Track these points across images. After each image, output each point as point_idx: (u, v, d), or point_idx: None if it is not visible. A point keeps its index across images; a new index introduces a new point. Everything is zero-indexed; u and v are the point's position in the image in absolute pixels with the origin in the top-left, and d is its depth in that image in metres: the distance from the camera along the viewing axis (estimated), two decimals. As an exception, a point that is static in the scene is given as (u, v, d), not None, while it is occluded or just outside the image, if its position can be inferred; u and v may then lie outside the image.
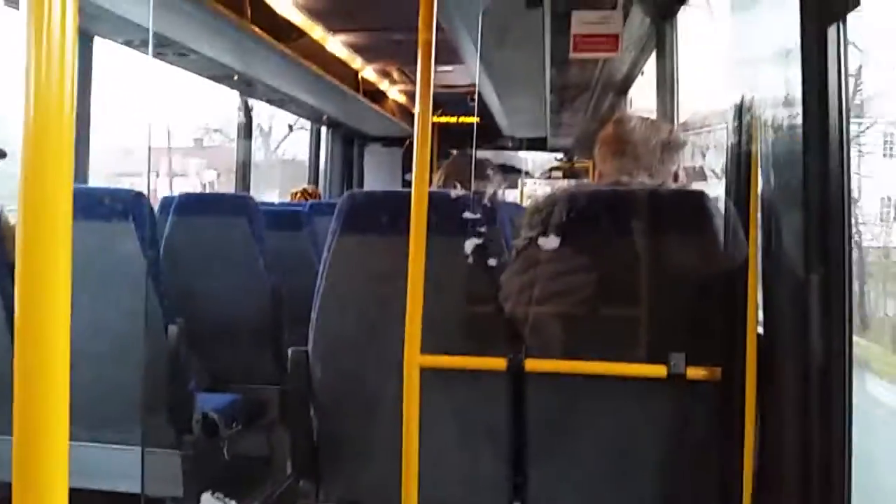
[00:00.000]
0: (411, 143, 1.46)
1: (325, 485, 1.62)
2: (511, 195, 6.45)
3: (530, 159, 7.07)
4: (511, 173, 6.52)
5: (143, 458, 1.81)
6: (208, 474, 2.06)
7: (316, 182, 5.85)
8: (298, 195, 4.48)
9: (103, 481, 1.90)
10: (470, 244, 1.51)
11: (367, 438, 1.58)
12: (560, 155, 6.87)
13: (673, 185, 1.69)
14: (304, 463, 1.62)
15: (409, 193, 1.45)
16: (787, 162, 1.27)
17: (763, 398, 1.34)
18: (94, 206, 1.96)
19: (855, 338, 1.23)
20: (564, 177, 6.67)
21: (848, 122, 1.23)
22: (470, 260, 1.52)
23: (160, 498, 1.99)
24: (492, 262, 1.53)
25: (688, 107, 3.28)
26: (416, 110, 1.47)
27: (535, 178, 6.94)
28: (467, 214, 1.51)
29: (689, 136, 1.85)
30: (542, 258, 1.51)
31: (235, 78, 3.89)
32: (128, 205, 1.96)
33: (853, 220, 1.26)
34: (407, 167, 1.51)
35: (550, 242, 1.48)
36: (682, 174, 1.75)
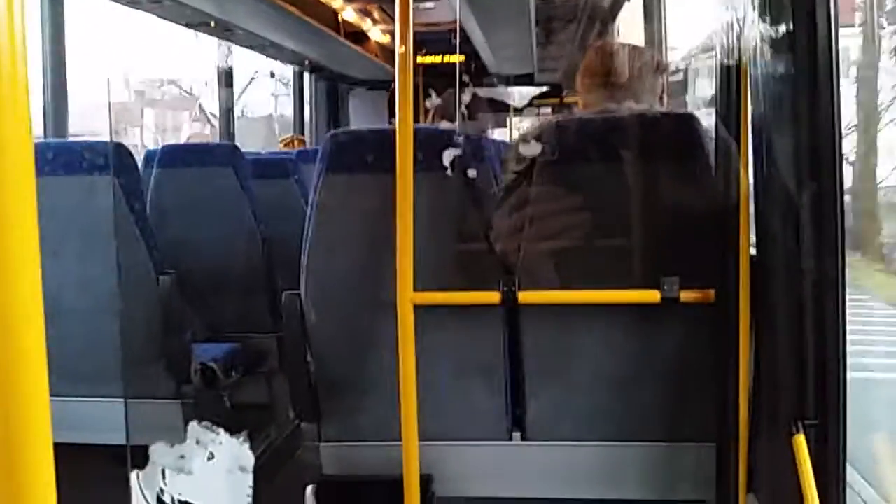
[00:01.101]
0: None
1: (326, 426, 1.63)
2: (500, 134, 6.39)
3: (518, 95, 6.98)
4: (500, 110, 6.44)
5: (126, 408, 1.81)
6: (211, 423, 2.08)
7: (301, 131, 5.77)
8: (289, 143, 4.46)
9: (101, 435, 1.92)
10: (448, 154, 1.48)
11: (364, 378, 1.59)
12: (544, 88, 6.79)
13: (659, 109, 1.67)
14: (304, 406, 1.63)
15: (394, 130, 1.43)
16: (777, 83, 1.25)
17: (757, 319, 1.34)
18: (75, 160, 1.93)
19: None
20: (553, 112, 6.60)
21: (837, 40, 1.21)
22: (449, 172, 1.49)
23: None
24: (471, 173, 1.51)
25: (676, 34, 3.22)
26: (397, 44, 1.44)
27: (524, 115, 6.87)
28: (452, 151, 1.49)
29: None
30: (531, 196, 1.50)
31: (212, 24, 3.80)
32: (109, 157, 1.93)
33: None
34: (393, 111, 1.48)
35: (532, 148, 1.46)
36: (665, 97, 1.73)
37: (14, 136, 0.54)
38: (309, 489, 1.55)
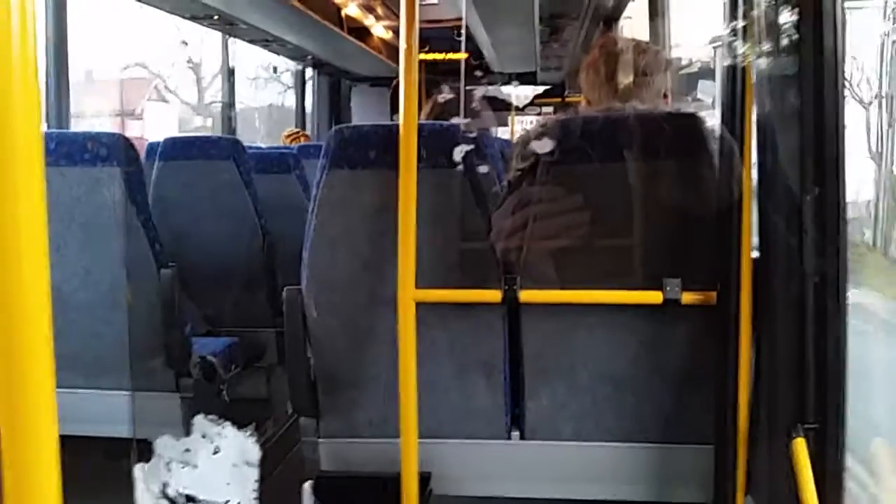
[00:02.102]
0: (399, 83, 1.43)
1: (324, 422, 1.63)
2: (502, 133, 6.38)
3: (520, 95, 6.98)
4: (501, 109, 6.44)
5: (133, 400, 1.82)
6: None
7: (303, 126, 5.77)
8: (294, 138, 4.48)
9: (102, 427, 1.92)
10: (459, 151, 1.48)
11: (364, 374, 1.59)
12: (545, 87, 6.79)
13: (664, 107, 1.67)
14: (303, 401, 1.63)
15: (398, 126, 1.42)
16: (781, 83, 1.25)
17: (759, 321, 1.34)
18: (78, 151, 1.92)
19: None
20: (556, 112, 6.60)
21: (844, 42, 1.21)
22: (460, 168, 1.49)
23: None
24: (482, 169, 1.51)
25: (681, 34, 3.22)
26: (401, 40, 1.43)
27: (526, 115, 6.87)
28: (464, 146, 1.48)
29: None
30: (534, 194, 1.50)
31: (216, 18, 3.79)
32: (112, 149, 1.93)
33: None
34: (396, 108, 1.48)
35: (545, 146, 1.46)
36: (670, 95, 1.72)
37: (24, 131, 0.54)
38: (307, 485, 1.55)
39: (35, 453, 0.55)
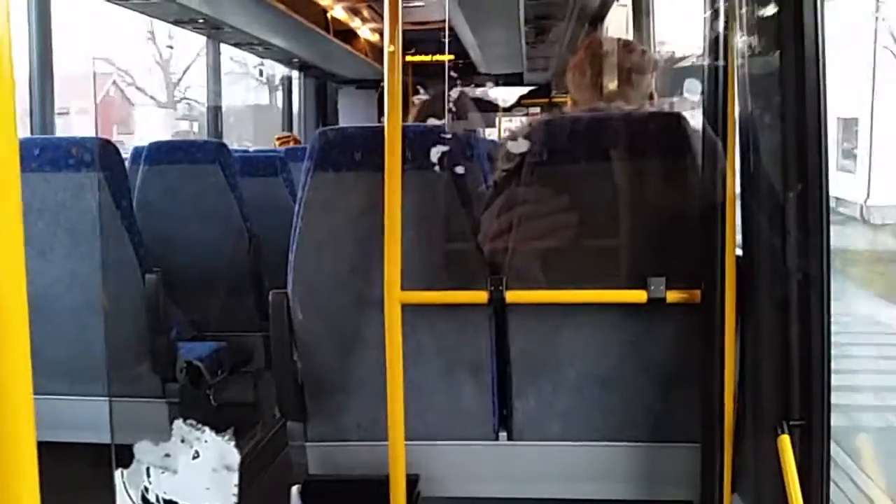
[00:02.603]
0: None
1: (312, 425, 1.62)
2: (489, 134, 6.39)
3: (506, 96, 7.00)
4: (488, 110, 6.44)
5: (110, 406, 1.80)
6: (196, 421, 2.07)
7: (290, 128, 5.76)
8: (285, 141, 4.48)
9: (86, 434, 1.90)
10: (436, 151, 1.48)
11: (351, 377, 1.59)
12: (531, 88, 6.81)
13: (649, 108, 1.67)
14: (290, 405, 1.62)
15: (383, 128, 1.42)
16: (764, 82, 1.25)
17: (743, 319, 1.35)
18: (61, 157, 1.91)
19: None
20: (542, 112, 6.62)
21: (824, 39, 1.22)
22: (437, 169, 1.49)
23: None
24: (459, 169, 1.51)
25: (665, 34, 3.23)
26: (385, 42, 1.43)
27: (514, 115, 6.89)
28: (440, 147, 1.48)
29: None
30: (519, 195, 1.50)
31: (201, 21, 3.77)
32: (96, 154, 1.92)
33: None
34: (383, 110, 1.47)
35: (520, 145, 1.46)
36: (656, 95, 1.73)
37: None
38: (294, 489, 1.54)
39: (13, 460, 0.55)
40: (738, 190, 1.33)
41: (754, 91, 1.28)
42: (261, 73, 6.56)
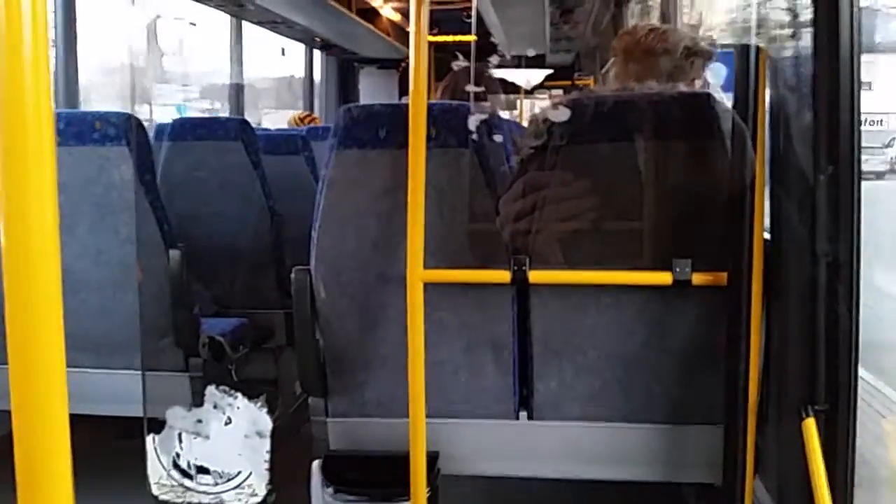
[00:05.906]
0: (408, 66, 1.42)
1: (333, 401, 1.63)
2: (511, 117, 6.36)
3: (529, 78, 6.95)
4: (511, 91, 6.40)
5: (143, 380, 1.82)
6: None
7: (311, 108, 5.76)
8: (304, 120, 4.46)
9: (112, 407, 1.93)
10: (474, 120, 1.48)
11: (373, 354, 1.59)
12: (551, 71, 6.76)
13: (679, 88, 1.65)
14: (312, 381, 1.63)
15: (407, 105, 1.42)
16: (795, 63, 1.23)
17: (769, 303, 1.33)
18: (86, 130, 1.92)
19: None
20: (565, 94, 6.56)
21: (859, 22, 1.19)
22: (475, 136, 1.49)
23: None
24: (498, 138, 1.51)
25: (692, 15, 3.18)
26: (411, 21, 1.42)
27: (536, 98, 6.84)
28: (478, 116, 1.48)
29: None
30: (543, 180, 1.49)
31: (224, -2, 3.78)
32: (121, 128, 1.92)
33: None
34: (404, 91, 1.47)
35: (561, 115, 1.46)
36: (698, 83, 1.71)
37: (35, 113, 0.53)
38: (315, 463, 1.56)
39: (46, 432, 0.56)
40: (766, 172, 1.31)
41: (786, 71, 1.26)
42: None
